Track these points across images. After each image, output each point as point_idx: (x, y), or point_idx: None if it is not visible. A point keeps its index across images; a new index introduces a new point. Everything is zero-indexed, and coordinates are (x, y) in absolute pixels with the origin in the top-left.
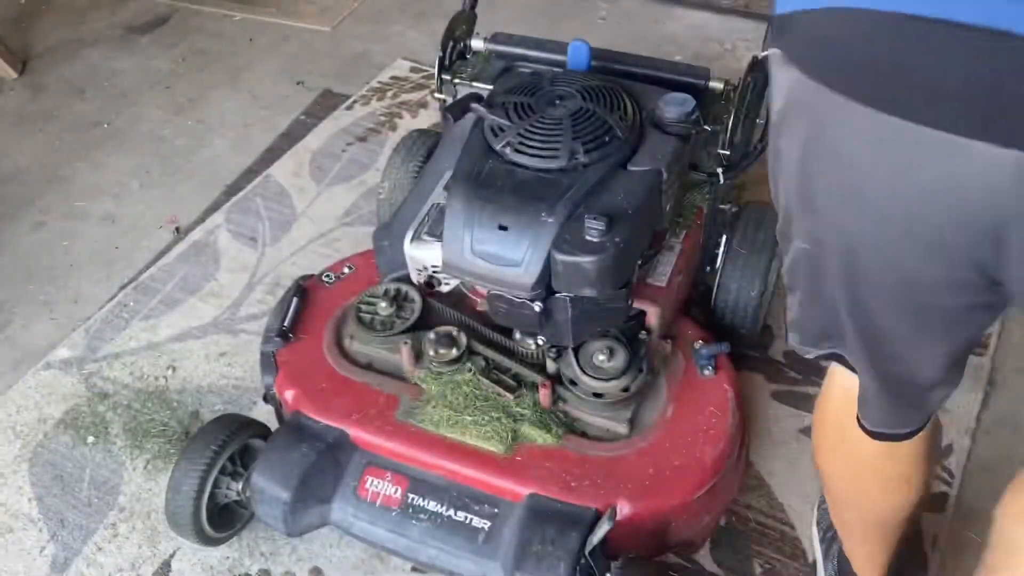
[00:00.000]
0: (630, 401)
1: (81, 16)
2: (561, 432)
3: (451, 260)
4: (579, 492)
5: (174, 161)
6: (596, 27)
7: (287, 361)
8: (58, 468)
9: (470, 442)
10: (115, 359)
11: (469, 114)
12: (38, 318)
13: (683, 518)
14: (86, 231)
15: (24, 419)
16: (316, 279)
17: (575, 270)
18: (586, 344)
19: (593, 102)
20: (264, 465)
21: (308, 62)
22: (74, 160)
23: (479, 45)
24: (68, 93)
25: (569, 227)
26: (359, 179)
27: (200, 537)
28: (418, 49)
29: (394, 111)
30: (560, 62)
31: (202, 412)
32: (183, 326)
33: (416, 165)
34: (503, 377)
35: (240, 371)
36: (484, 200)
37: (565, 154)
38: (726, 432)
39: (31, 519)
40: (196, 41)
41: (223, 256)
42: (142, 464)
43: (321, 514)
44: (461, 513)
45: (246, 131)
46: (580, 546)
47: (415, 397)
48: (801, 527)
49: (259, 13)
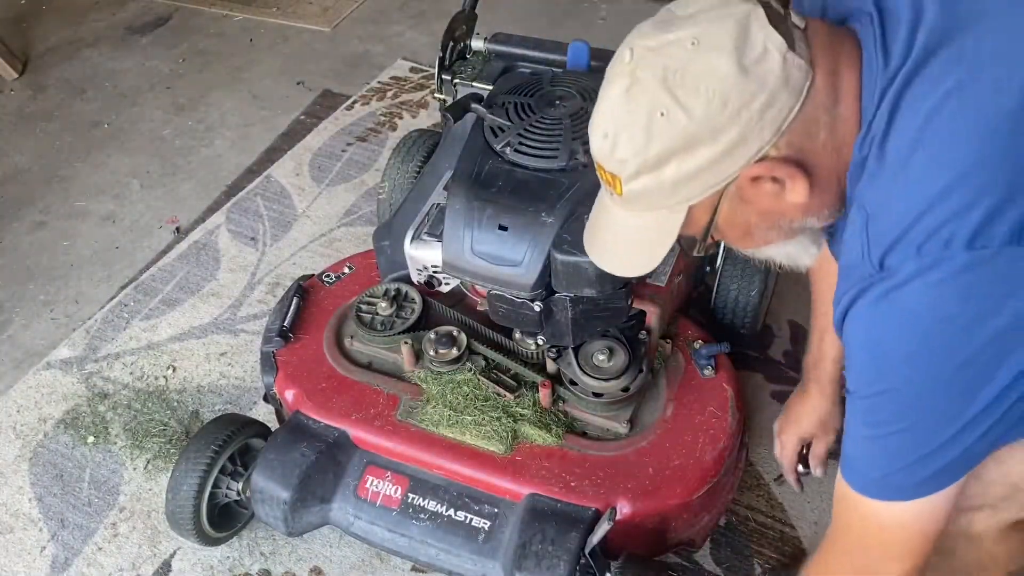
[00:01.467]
0: (630, 401)
1: (81, 16)
2: (561, 432)
3: (451, 260)
4: (579, 492)
5: (174, 161)
6: (596, 27)
7: (287, 361)
8: (58, 468)
9: (470, 442)
10: (115, 359)
11: (469, 114)
12: (38, 318)
13: (683, 518)
14: (86, 231)
15: (24, 419)
16: (316, 279)
17: (575, 270)
18: (586, 344)
19: (593, 102)
20: (264, 465)
21: (308, 62)
22: (74, 160)
23: (479, 45)
24: (68, 93)
25: (569, 227)
26: (359, 179)
27: (200, 537)
28: (418, 49)
29: (394, 111)
30: (560, 62)
31: (202, 412)
32: (183, 326)
33: (416, 165)
34: (503, 377)
35: (240, 371)
36: (484, 200)
37: (565, 154)
38: (726, 432)
39: (31, 519)
40: (196, 41)
41: (223, 256)
42: (142, 464)
43: (321, 514)
44: (461, 513)
45: (246, 131)
46: (580, 546)
47: (415, 397)
48: (801, 527)
49: (259, 13)
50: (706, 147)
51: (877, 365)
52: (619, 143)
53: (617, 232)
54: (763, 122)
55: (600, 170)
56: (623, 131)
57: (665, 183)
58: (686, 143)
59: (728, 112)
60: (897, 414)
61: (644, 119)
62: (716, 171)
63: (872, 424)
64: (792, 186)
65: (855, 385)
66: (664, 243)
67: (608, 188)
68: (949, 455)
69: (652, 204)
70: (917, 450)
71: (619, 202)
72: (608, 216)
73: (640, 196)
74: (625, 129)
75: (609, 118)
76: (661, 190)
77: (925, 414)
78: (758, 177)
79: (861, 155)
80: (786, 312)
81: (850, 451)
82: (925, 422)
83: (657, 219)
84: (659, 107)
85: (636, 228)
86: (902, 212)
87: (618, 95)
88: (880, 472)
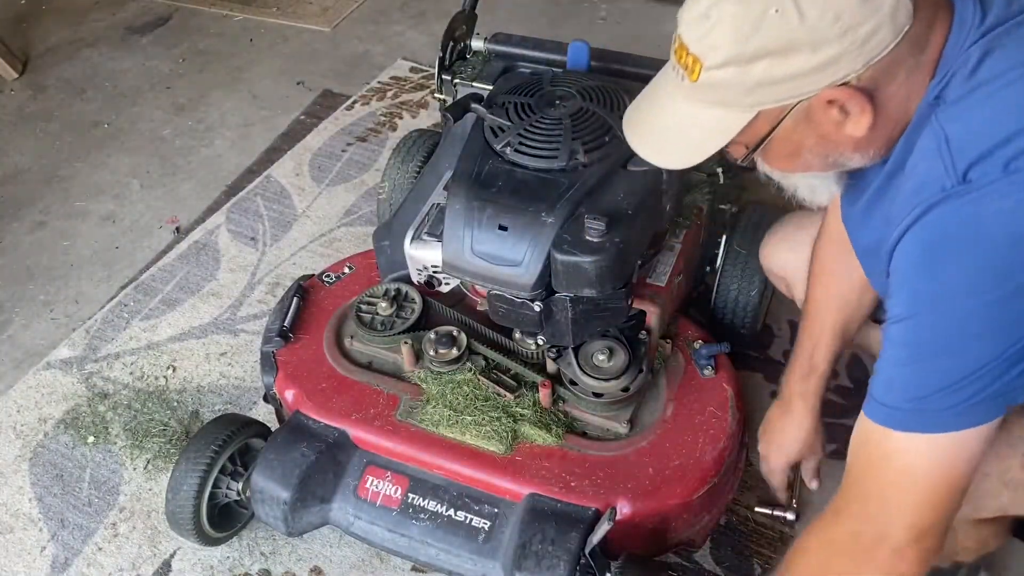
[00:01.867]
0: (630, 401)
1: (81, 16)
2: (561, 432)
3: (451, 260)
4: (579, 492)
5: (174, 161)
6: (596, 27)
7: (287, 361)
8: (58, 468)
9: (470, 442)
10: (115, 359)
11: (469, 114)
12: (38, 318)
13: (683, 518)
14: (86, 231)
15: (24, 419)
16: (316, 279)
17: (575, 270)
18: (586, 344)
19: (593, 102)
20: (264, 465)
21: (308, 62)
22: (74, 160)
23: (479, 45)
24: (68, 93)
25: (569, 227)
26: (359, 179)
27: (200, 537)
28: (418, 49)
29: (394, 111)
30: (560, 62)
31: (202, 412)
32: (183, 326)
33: (416, 165)
34: (503, 377)
35: (240, 371)
36: (484, 200)
37: (565, 154)
38: (726, 432)
39: (31, 519)
40: (196, 41)
41: (223, 256)
42: (142, 464)
43: (321, 514)
44: (461, 513)
45: (246, 131)
46: (580, 546)
47: (415, 397)
48: (801, 527)
49: (259, 13)
50: (803, 56)
51: (933, 278)
52: (719, 27)
53: (668, 119)
54: (862, 49)
55: (680, 51)
56: (729, 17)
57: (748, 81)
58: (787, 46)
59: (837, 28)
60: (943, 332)
61: (758, 9)
62: (801, 83)
63: (914, 344)
64: (857, 119)
65: (902, 308)
66: (717, 141)
67: (679, 71)
68: (986, 384)
69: (724, 99)
70: (955, 373)
71: (686, 88)
72: (662, 101)
73: (716, 87)
74: (732, 15)
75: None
76: (741, 87)
77: (970, 335)
78: (832, 101)
79: (932, 95)
80: (786, 312)
81: (881, 383)
82: (968, 344)
83: (719, 116)
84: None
85: (691, 119)
86: (993, 130)
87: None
88: (914, 397)
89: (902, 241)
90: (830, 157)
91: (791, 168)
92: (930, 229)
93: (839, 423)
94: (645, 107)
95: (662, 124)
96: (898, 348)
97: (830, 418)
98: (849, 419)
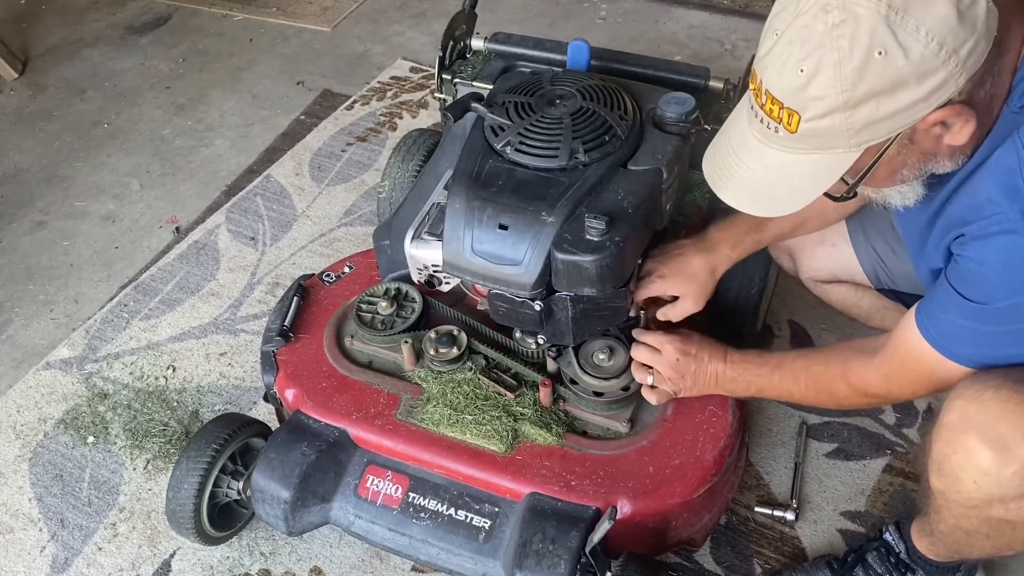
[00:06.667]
0: (630, 400)
1: (81, 16)
2: (561, 431)
3: (451, 259)
4: (579, 491)
5: (174, 161)
6: (596, 27)
7: (287, 360)
8: (58, 468)
9: (470, 441)
10: (115, 359)
11: (469, 114)
12: (38, 318)
13: (683, 517)
14: (86, 231)
15: (24, 419)
16: (316, 278)
17: (575, 269)
18: (586, 343)
19: (593, 101)
20: (264, 464)
21: (308, 62)
22: (74, 160)
23: (479, 45)
24: (68, 93)
25: (569, 226)
26: (359, 179)
27: (200, 537)
28: (418, 49)
29: (394, 111)
30: (560, 62)
31: (202, 412)
32: (183, 326)
33: (416, 165)
34: (503, 376)
35: (240, 371)
36: (484, 199)
37: (565, 153)
38: (726, 431)
39: (31, 519)
40: (196, 41)
41: (223, 256)
42: (142, 464)
43: (321, 513)
44: (462, 512)
45: (246, 131)
46: (580, 545)
47: (415, 396)
48: (801, 527)
49: (259, 13)
50: (909, 90)
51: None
52: (819, 78)
53: (762, 171)
54: (964, 67)
55: (771, 105)
56: (830, 67)
57: (855, 124)
58: (894, 85)
59: (942, 56)
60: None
61: (861, 57)
62: (908, 114)
63: (983, 321)
64: (960, 129)
65: (983, 297)
66: (823, 184)
67: (769, 123)
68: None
69: (829, 144)
70: (1006, 348)
71: (781, 139)
72: (751, 153)
73: (820, 135)
74: (833, 65)
75: (811, 53)
76: (848, 130)
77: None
78: (937, 122)
79: (1017, 104)
80: (786, 312)
81: (945, 325)
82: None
83: (821, 159)
84: (879, 46)
85: (791, 167)
86: None
87: (825, 30)
88: (966, 348)
89: (988, 241)
90: (926, 168)
91: (888, 186)
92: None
93: (839, 422)
94: (732, 161)
95: (756, 176)
96: (970, 319)
97: (830, 417)
98: (849, 418)
